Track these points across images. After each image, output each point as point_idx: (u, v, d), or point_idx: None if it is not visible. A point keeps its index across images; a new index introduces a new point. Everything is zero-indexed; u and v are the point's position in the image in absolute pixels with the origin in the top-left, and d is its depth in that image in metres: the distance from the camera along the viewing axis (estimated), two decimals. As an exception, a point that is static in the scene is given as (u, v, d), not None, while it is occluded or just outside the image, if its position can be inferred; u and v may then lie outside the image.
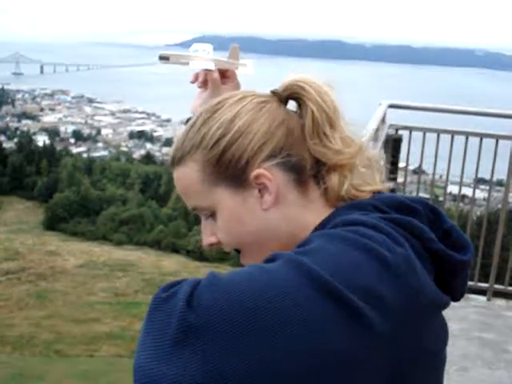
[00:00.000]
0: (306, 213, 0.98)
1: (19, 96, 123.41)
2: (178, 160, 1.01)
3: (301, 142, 0.99)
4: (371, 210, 0.94)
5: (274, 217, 0.97)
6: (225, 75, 1.41)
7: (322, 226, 0.95)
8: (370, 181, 1.02)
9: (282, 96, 1.03)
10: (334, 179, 0.99)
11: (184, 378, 0.67)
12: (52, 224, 51.99)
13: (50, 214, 52.38)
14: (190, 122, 1.02)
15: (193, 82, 1.39)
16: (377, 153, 1.09)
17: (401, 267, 0.81)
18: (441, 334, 0.93)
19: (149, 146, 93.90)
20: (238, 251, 1.10)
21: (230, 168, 0.96)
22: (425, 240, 0.90)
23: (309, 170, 0.99)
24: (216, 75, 1.36)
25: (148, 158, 75.91)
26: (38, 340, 25.77)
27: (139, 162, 73.01)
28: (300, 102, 1.02)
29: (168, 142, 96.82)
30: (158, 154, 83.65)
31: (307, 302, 0.72)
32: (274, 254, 0.82)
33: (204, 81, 1.37)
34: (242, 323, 0.68)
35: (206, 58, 1.37)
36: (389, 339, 0.76)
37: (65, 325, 27.46)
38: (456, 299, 0.98)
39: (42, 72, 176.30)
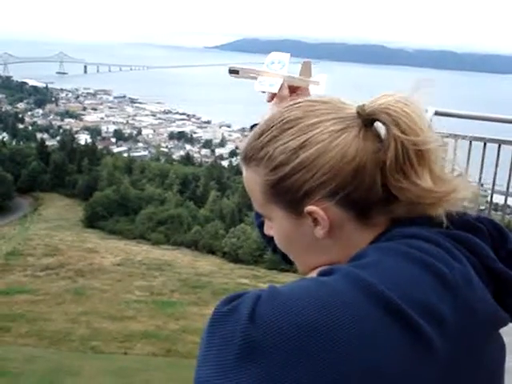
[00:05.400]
0: (364, 234, 0.92)
1: (63, 95, 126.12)
2: (244, 160, 0.97)
3: (373, 175, 0.88)
4: (431, 225, 0.90)
5: (325, 243, 0.93)
6: (295, 91, 1.34)
7: (378, 238, 0.91)
8: None
9: (367, 119, 0.90)
10: (404, 209, 0.91)
11: None
12: (91, 222, 52.63)
13: (89, 211, 53.02)
14: (259, 130, 0.96)
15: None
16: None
17: (458, 283, 0.79)
18: (498, 351, 0.90)
19: (188, 147, 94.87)
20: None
21: (286, 195, 0.91)
22: (484, 258, 0.87)
23: (377, 203, 0.90)
24: (285, 93, 1.29)
25: (187, 159, 76.61)
26: (75, 336, 26.03)
27: (178, 163, 73.68)
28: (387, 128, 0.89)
29: (207, 144, 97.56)
30: (197, 155, 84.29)
31: (367, 318, 0.71)
32: (331, 268, 0.81)
33: (272, 96, 1.31)
34: (303, 342, 0.68)
35: (275, 74, 1.30)
36: (446, 356, 0.75)
37: (101, 321, 27.72)
38: None
39: (85, 72, 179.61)
